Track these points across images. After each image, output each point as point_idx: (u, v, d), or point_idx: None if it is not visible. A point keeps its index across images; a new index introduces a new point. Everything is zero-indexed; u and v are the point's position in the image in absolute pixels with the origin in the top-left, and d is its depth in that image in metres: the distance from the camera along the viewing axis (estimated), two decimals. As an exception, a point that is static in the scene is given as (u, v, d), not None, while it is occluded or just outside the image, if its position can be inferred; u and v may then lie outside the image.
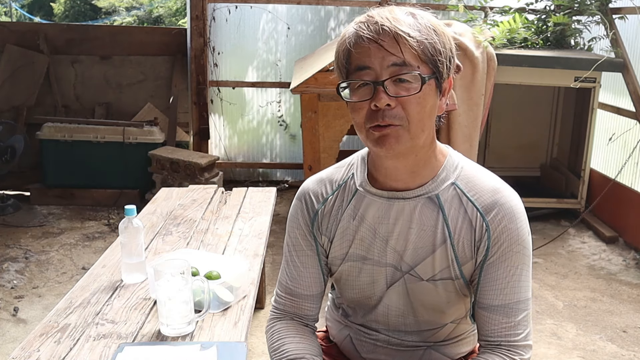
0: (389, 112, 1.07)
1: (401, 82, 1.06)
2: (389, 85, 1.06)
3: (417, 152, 1.14)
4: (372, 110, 1.08)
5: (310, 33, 4.99)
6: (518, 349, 1.17)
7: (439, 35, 1.09)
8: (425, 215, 1.17)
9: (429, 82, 1.07)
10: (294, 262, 1.30)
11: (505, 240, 1.15)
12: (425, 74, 1.07)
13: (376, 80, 1.07)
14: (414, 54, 1.06)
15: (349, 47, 1.09)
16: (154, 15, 13.81)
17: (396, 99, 1.07)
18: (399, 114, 1.07)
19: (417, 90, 1.06)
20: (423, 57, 1.07)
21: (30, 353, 1.47)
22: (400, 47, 1.05)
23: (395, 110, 1.07)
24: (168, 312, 1.53)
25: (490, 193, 1.16)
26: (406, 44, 1.05)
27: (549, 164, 4.93)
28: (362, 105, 1.09)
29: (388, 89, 1.06)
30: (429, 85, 1.08)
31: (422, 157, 1.16)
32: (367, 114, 1.09)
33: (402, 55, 1.05)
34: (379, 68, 1.06)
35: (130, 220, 1.79)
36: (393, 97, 1.06)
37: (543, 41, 4.07)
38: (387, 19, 1.06)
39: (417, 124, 1.08)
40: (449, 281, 1.19)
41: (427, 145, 1.15)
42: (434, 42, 1.08)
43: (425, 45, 1.06)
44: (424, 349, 1.30)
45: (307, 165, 3.65)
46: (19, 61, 4.88)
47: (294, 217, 1.30)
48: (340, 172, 1.27)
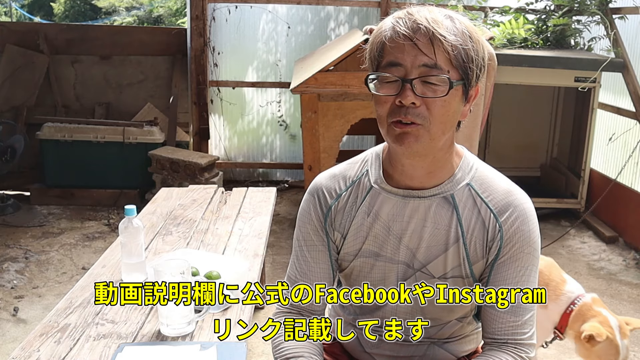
0: (412, 110, 1.08)
1: (429, 84, 1.08)
2: (416, 84, 1.07)
3: (435, 154, 1.15)
4: (396, 106, 1.09)
5: (310, 33, 4.99)
6: (524, 347, 1.19)
7: (474, 42, 1.10)
8: (439, 215, 1.18)
9: (456, 87, 1.08)
10: (304, 256, 1.29)
11: (517, 242, 1.17)
12: (454, 79, 1.08)
13: (405, 77, 1.08)
14: (447, 58, 1.07)
15: (384, 40, 1.10)
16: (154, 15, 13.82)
17: (422, 98, 1.08)
18: (422, 113, 1.08)
19: (444, 94, 1.07)
20: (455, 62, 1.07)
21: (30, 353, 1.47)
22: (434, 49, 1.06)
23: (419, 109, 1.08)
24: (168, 312, 1.53)
25: (504, 195, 1.18)
26: (440, 46, 1.06)
27: (549, 164, 4.94)
28: (387, 99, 1.11)
29: (415, 87, 1.07)
30: (456, 90, 1.09)
31: (440, 159, 1.17)
32: (390, 108, 1.10)
33: (435, 57, 1.06)
34: (409, 66, 1.07)
35: (130, 220, 1.79)
36: (419, 96, 1.07)
37: (543, 41, 4.07)
38: (425, 19, 1.07)
39: (438, 125, 1.10)
40: (459, 279, 1.21)
41: (445, 148, 1.16)
42: (468, 48, 1.08)
43: (459, 51, 1.07)
44: (428, 345, 1.31)
45: (307, 165, 3.65)
46: (19, 61, 4.88)
47: (305, 212, 1.29)
48: (354, 168, 1.28)
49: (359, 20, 4.92)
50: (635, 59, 3.86)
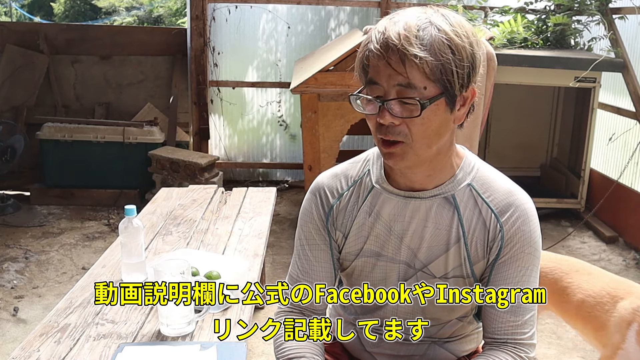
0: (392, 129, 1.09)
1: (405, 104, 1.07)
2: (393, 105, 1.07)
3: (431, 160, 1.15)
4: (379, 124, 1.10)
5: (310, 33, 4.98)
6: (524, 346, 1.20)
7: (456, 51, 1.05)
8: (440, 215, 1.19)
9: (435, 103, 1.06)
10: (306, 256, 1.29)
11: (518, 242, 1.17)
12: (431, 96, 1.05)
13: (384, 97, 1.07)
14: (422, 75, 1.04)
15: (363, 58, 1.10)
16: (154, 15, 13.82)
17: (400, 117, 1.07)
18: (403, 131, 1.08)
19: (417, 114, 1.06)
20: (431, 77, 1.05)
21: (30, 353, 1.47)
22: (406, 68, 1.04)
23: (400, 128, 1.08)
24: (168, 312, 1.53)
25: (505, 195, 1.18)
26: (413, 64, 1.04)
27: (549, 164, 4.93)
28: (371, 117, 1.12)
29: (392, 108, 1.07)
30: (436, 105, 1.07)
31: (439, 163, 1.17)
32: (376, 125, 1.11)
33: (407, 77, 1.04)
34: (386, 85, 1.07)
35: (130, 220, 1.79)
36: (397, 116, 1.07)
37: (543, 41, 4.07)
38: (398, 35, 1.04)
39: (420, 141, 1.09)
40: (460, 279, 1.21)
41: (443, 153, 1.16)
42: (447, 61, 1.04)
43: (434, 66, 1.04)
44: (428, 344, 1.31)
45: (307, 165, 3.65)
46: (19, 61, 4.88)
47: (307, 211, 1.29)
48: (356, 168, 1.28)
49: (359, 20, 4.92)
50: (635, 59, 3.86)
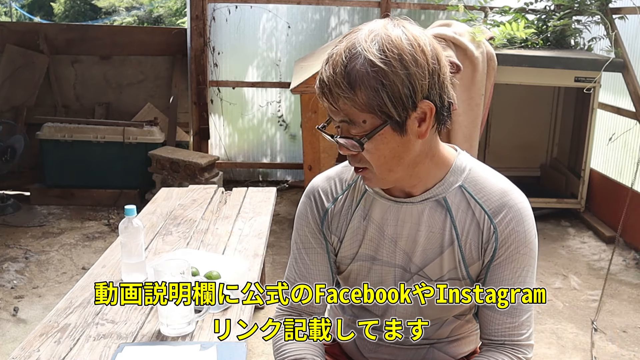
0: (352, 158, 1.12)
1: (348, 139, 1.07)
2: (341, 140, 1.08)
3: (410, 173, 1.14)
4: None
5: (310, 33, 4.99)
6: (522, 347, 1.19)
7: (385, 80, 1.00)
8: (433, 218, 1.18)
9: (379, 133, 1.04)
10: (302, 259, 1.29)
11: (512, 243, 1.16)
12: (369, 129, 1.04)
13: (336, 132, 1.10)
14: (356, 110, 1.03)
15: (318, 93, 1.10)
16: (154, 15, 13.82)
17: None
18: (362, 159, 1.10)
19: (358, 150, 1.07)
20: (366, 110, 1.03)
21: (30, 353, 1.47)
22: (340, 106, 1.04)
23: (359, 156, 1.10)
24: (168, 312, 1.53)
25: (498, 195, 1.17)
26: (345, 102, 1.03)
27: (549, 164, 4.94)
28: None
29: (341, 143, 1.08)
30: (381, 135, 1.05)
31: (421, 171, 1.15)
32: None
33: (344, 114, 1.05)
34: (337, 121, 1.09)
35: (130, 220, 1.79)
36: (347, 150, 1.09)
37: (543, 41, 4.07)
38: (327, 77, 1.03)
39: (380, 168, 1.10)
40: (456, 281, 1.20)
41: (421, 163, 1.14)
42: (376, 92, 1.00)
43: (364, 101, 1.02)
44: (427, 348, 1.30)
45: (307, 165, 3.65)
46: (19, 61, 4.88)
47: (303, 215, 1.29)
48: (350, 171, 1.28)
49: (360, 20, 4.92)
50: (635, 59, 3.86)
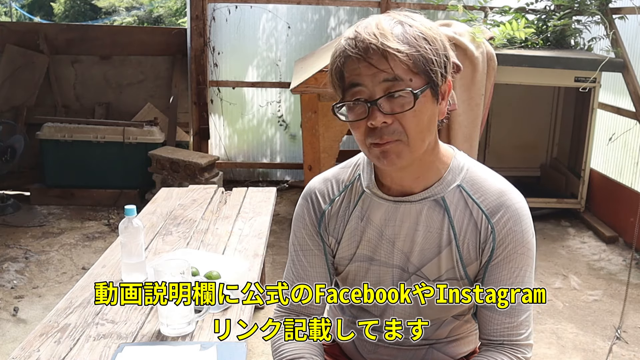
0: (386, 129, 1.07)
1: (395, 98, 1.05)
2: (382, 103, 1.05)
3: (420, 159, 1.14)
4: (370, 128, 1.08)
5: (310, 33, 4.99)
6: (521, 347, 1.19)
7: (431, 42, 1.06)
8: (431, 218, 1.18)
9: (423, 93, 1.06)
10: (300, 261, 1.29)
11: (510, 242, 1.16)
12: (418, 87, 1.05)
13: (370, 98, 1.06)
14: (405, 68, 1.04)
15: (340, 66, 1.08)
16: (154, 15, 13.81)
17: (392, 115, 1.06)
18: (397, 129, 1.07)
19: (411, 106, 1.05)
20: (415, 69, 1.05)
21: (30, 353, 1.47)
22: (390, 64, 1.04)
23: (393, 126, 1.07)
24: (168, 312, 1.53)
25: (496, 195, 1.17)
26: (395, 58, 1.03)
27: (549, 164, 4.93)
28: (359, 123, 1.09)
29: (382, 106, 1.05)
30: (424, 96, 1.06)
31: (426, 162, 1.16)
32: (365, 131, 1.09)
33: (393, 71, 1.04)
34: (371, 85, 1.05)
35: (130, 220, 1.79)
36: (388, 114, 1.06)
37: (543, 41, 4.07)
38: (373, 36, 1.04)
39: (415, 136, 1.08)
40: (454, 281, 1.20)
41: (429, 151, 1.15)
42: (425, 51, 1.05)
43: (416, 57, 1.04)
44: (426, 349, 1.30)
45: (307, 165, 3.65)
46: (19, 61, 4.88)
47: (300, 217, 1.30)
48: (347, 172, 1.27)
49: (359, 19, 4.91)
50: (635, 59, 3.86)
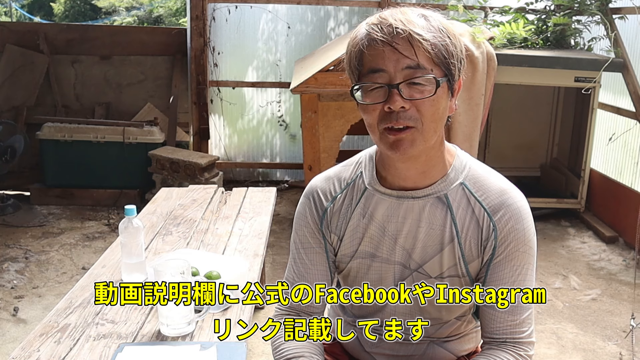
0: (403, 114, 1.08)
1: (415, 85, 1.07)
2: (403, 88, 1.07)
3: (427, 153, 1.15)
4: (386, 112, 1.09)
5: (310, 33, 4.99)
6: (523, 345, 1.20)
7: (451, 37, 1.10)
8: (433, 215, 1.18)
9: (442, 84, 1.08)
10: (302, 259, 1.30)
11: (512, 241, 1.17)
12: (439, 77, 1.08)
13: (390, 82, 1.07)
14: (428, 57, 1.06)
15: (362, 48, 1.09)
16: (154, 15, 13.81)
17: (411, 101, 1.07)
18: (413, 115, 1.08)
19: (431, 93, 1.07)
20: (436, 60, 1.07)
21: (30, 353, 1.47)
22: (415, 50, 1.06)
23: (410, 112, 1.08)
24: (168, 312, 1.53)
25: (498, 194, 1.18)
26: (420, 46, 1.05)
27: (549, 164, 4.94)
28: (375, 107, 1.10)
29: (402, 91, 1.07)
30: (442, 87, 1.09)
31: (432, 157, 1.17)
32: (380, 115, 1.10)
33: (417, 58, 1.06)
34: (393, 70, 1.07)
35: (130, 220, 1.79)
36: (407, 99, 1.07)
37: (543, 41, 4.07)
38: (400, 21, 1.06)
39: (430, 125, 1.10)
40: (455, 279, 1.21)
41: (437, 146, 1.16)
42: (447, 44, 1.08)
43: (439, 48, 1.07)
44: (427, 344, 1.31)
45: (307, 165, 3.65)
46: (19, 61, 4.88)
47: (302, 215, 1.30)
48: (348, 170, 1.28)
49: (359, 20, 4.86)
50: (635, 59, 3.86)
